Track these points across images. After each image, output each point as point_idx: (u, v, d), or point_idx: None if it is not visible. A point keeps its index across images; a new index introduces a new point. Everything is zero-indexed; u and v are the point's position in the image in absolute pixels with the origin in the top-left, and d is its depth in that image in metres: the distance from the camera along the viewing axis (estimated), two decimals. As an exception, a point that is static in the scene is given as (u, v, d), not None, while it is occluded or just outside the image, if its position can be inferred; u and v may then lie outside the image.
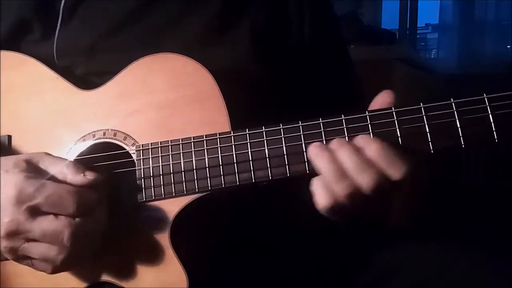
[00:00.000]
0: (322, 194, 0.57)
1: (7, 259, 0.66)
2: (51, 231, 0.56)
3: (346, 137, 0.58)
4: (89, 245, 0.60)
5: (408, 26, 2.88)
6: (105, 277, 0.65)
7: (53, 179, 0.59)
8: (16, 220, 0.56)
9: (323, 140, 0.59)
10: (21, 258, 0.59)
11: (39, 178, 0.58)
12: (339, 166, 0.56)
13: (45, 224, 0.56)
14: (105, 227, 0.61)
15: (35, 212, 0.57)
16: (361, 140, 0.57)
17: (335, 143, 0.57)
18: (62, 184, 0.58)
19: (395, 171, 0.55)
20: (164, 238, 0.63)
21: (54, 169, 0.60)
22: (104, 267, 0.65)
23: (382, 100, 0.59)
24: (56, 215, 0.57)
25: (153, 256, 0.63)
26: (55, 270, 0.59)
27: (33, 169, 0.59)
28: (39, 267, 0.59)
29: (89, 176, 0.60)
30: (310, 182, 0.58)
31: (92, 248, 0.60)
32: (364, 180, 0.55)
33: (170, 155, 0.63)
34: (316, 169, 0.57)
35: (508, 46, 2.75)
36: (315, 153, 0.57)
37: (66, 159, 0.62)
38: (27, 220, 0.56)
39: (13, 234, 0.57)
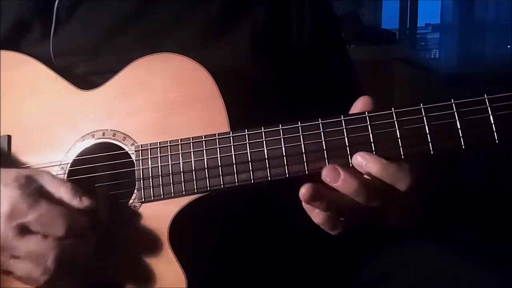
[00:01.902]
0: (332, 227, 0.57)
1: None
2: (36, 252, 0.56)
3: (346, 138, 0.58)
4: (73, 269, 0.59)
5: (408, 26, 2.88)
6: (104, 278, 0.65)
7: (49, 198, 0.58)
8: (4, 236, 0.55)
9: (322, 143, 0.58)
10: (6, 272, 0.58)
11: (35, 195, 0.57)
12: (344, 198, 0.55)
13: (32, 244, 0.56)
14: (92, 252, 0.60)
15: (24, 230, 0.56)
16: (361, 159, 0.56)
17: (329, 175, 0.55)
18: (55, 205, 0.58)
19: (402, 184, 0.55)
20: (162, 239, 0.63)
21: (52, 189, 0.59)
22: (103, 267, 0.65)
23: (360, 106, 0.59)
24: (44, 236, 0.56)
25: (152, 256, 0.63)
26: (40, 287, 0.58)
27: (31, 186, 0.58)
28: (24, 282, 0.58)
29: (85, 202, 0.59)
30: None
31: (76, 271, 0.59)
32: (375, 203, 0.55)
33: (169, 156, 0.63)
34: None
35: (508, 46, 2.75)
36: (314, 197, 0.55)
37: (66, 181, 0.62)
38: (14, 237, 0.56)
39: None
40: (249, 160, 0.60)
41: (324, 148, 0.58)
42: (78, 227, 0.58)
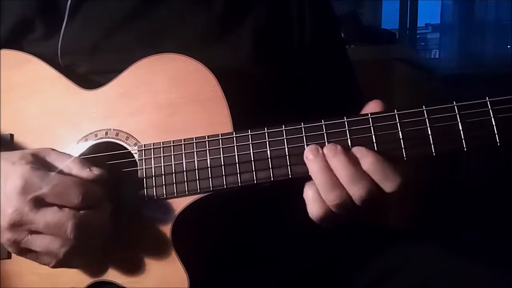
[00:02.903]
0: (314, 202, 0.58)
1: (8, 258, 0.66)
2: (54, 223, 0.56)
3: (349, 139, 0.58)
4: (92, 239, 0.59)
5: (408, 26, 2.88)
6: (106, 277, 0.65)
7: (59, 172, 0.59)
8: (20, 211, 0.56)
9: (325, 144, 0.59)
10: (24, 251, 0.58)
11: (45, 170, 0.58)
12: (332, 175, 0.57)
13: (49, 215, 0.56)
14: (108, 223, 0.60)
15: (39, 203, 0.56)
16: (357, 152, 0.57)
17: (330, 150, 0.57)
18: (68, 176, 0.58)
19: (390, 184, 0.56)
20: (165, 238, 0.63)
21: (61, 163, 0.60)
22: (105, 266, 0.65)
23: (371, 109, 0.59)
24: (60, 207, 0.57)
25: (155, 256, 0.64)
26: (58, 264, 0.59)
27: (39, 162, 0.59)
28: (42, 260, 0.59)
29: (95, 171, 0.60)
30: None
31: (94, 242, 0.60)
32: (357, 191, 0.56)
33: (172, 155, 0.63)
34: (310, 173, 0.58)
35: (508, 46, 2.75)
36: (310, 158, 0.58)
37: (72, 155, 0.62)
38: (31, 211, 0.56)
39: (16, 225, 0.56)
40: (252, 160, 0.60)
41: (327, 149, 0.58)
42: (92, 196, 0.58)
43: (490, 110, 0.55)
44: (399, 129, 0.57)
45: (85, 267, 0.65)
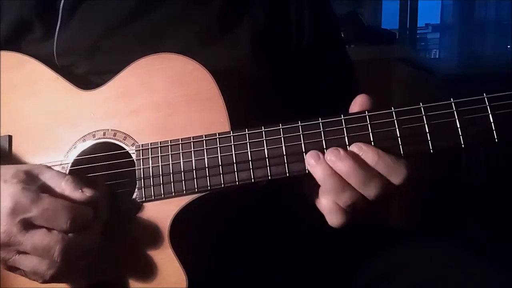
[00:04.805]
0: (332, 212, 0.58)
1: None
2: (42, 246, 0.56)
3: (346, 138, 0.58)
4: (80, 261, 0.59)
5: (408, 26, 2.88)
6: (105, 277, 0.65)
7: (51, 192, 0.58)
8: (8, 232, 0.55)
9: (322, 143, 0.59)
10: (12, 269, 0.58)
11: (37, 190, 0.57)
12: (339, 178, 0.57)
13: (37, 238, 0.56)
14: (98, 243, 0.60)
15: (28, 225, 0.56)
16: (357, 149, 0.57)
17: (333, 155, 0.57)
18: (58, 199, 0.58)
19: (396, 176, 0.56)
20: (163, 238, 0.63)
21: (53, 183, 0.59)
22: (103, 267, 0.65)
23: (359, 104, 0.59)
24: (49, 229, 0.56)
25: (152, 256, 0.63)
26: (46, 282, 0.58)
27: (31, 181, 0.58)
28: (30, 277, 0.59)
29: (87, 192, 0.59)
30: (317, 202, 0.59)
31: (82, 263, 0.59)
32: (371, 191, 0.56)
33: (170, 155, 0.63)
34: (317, 180, 0.58)
35: (508, 46, 2.75)
36: (312, 164, 0.58)
37: (66, 174, 0.62)
38: (19, 232, 0.55)
39: (4, 245, 0.56)
40: (250, 159, 0.60)
41: (324, 147, 0.58)
42: (82, 219, 0.58)
43: (488, 107, 0.54)
44: (397, 127, 0.57)
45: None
